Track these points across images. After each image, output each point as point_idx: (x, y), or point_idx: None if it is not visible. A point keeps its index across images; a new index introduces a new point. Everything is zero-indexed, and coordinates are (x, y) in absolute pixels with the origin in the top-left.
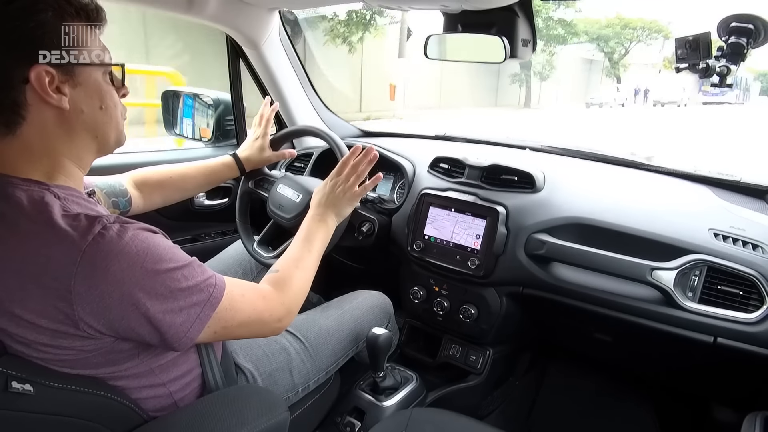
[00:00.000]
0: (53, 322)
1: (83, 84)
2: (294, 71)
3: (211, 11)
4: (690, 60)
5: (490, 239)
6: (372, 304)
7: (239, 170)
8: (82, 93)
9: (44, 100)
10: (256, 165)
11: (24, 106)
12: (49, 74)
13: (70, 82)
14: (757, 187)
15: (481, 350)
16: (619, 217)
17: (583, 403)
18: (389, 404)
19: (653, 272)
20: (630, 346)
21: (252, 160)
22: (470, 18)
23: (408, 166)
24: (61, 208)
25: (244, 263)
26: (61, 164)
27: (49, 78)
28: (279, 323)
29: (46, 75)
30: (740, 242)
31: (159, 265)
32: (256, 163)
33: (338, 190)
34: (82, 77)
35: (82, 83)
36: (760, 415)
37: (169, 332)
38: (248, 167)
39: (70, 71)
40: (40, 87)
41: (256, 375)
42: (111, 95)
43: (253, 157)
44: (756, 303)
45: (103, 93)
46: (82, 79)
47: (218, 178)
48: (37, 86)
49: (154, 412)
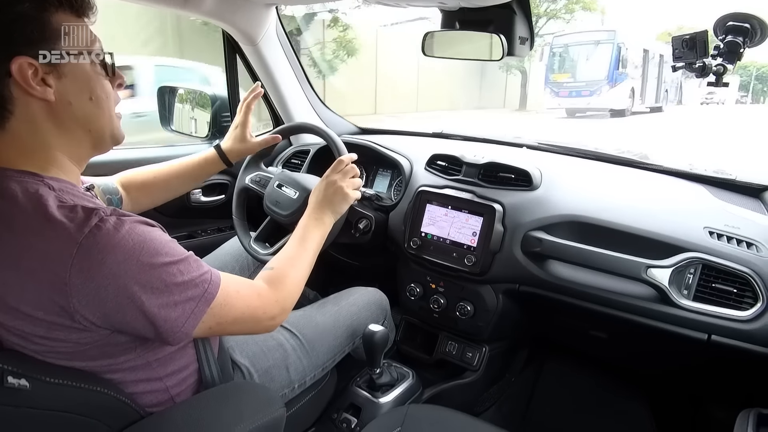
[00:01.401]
0: (49, 314)
1: (69, 75)
2: (291, 68)
3: (207, 7)
4: (686, 59)
5: (486, 237)
6: (368, 301)
7: (224, 163)
8: (69, 84)
9: (29, 92)
10: (240, 155)
11: (10, 100)
12: (32, 66)
13: (54, 73)
14: (753, 186)
15: (477, 347)
16: (615, 215)
17: (580, 400)
18: (385, 401)
19: (648, 270)
20: (625, 343)
21: (234, 151)
22: (468, 15)
23: (405, 164)
24: (57, 200)
25: (241, 260)
26: (55, 158)
27: (32, 70)
28: (272, 321)
29: (29, 67)
30: (735, 240)
31: (155, 259)
32: (240, 153)
33: (335, 187)
34: (68, 68)
35: (67, 74)
36: (753, 412)
37: (164, 326)
38: (232, 158)
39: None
40: (22, 79)
41: (253, 371)
42: (102, 86)
43: (234, 148)
44: (750, 301)
45: (92, 84)
46: (67, 70)
47: (203, 173)
48: (20, 79)
49: (150, 407)
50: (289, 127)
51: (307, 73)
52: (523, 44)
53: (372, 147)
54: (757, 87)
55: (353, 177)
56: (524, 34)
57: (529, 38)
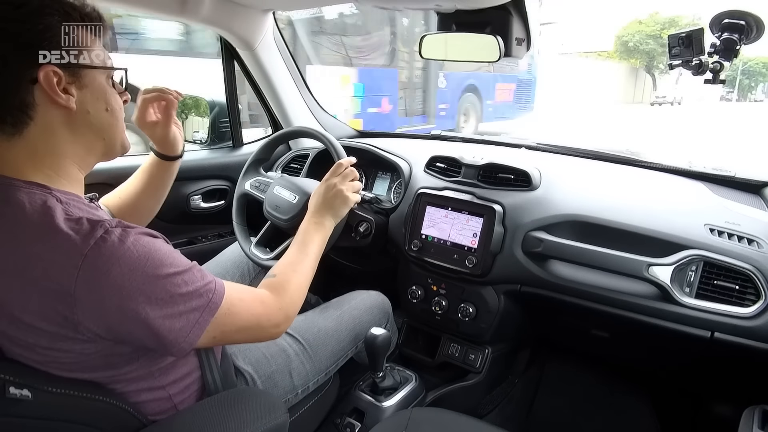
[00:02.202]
0: (53, 325)
1: (89, 86)
2: (289, 72)
3: (204, 14)
4: (683, 56)
5: (487, 238)
6: (370, 304)
7: (162, 158)
8: (89, 94)
9: (52, 100)
10: (162, 140)
11: (32, 107)
12: (57, 75)
13: (76, 84)
14: (752, 182)
15: (479, 349)
16: (615, 213)
17: (583, 400)
18: (389, 404)
19: (650, 268)
20: (627, 342)
21: (155, 141)
22: (464, 17)
23: (404, 166)
24: (64, 212)
25: (242, 265)
26: (64, 166)
27: (57, 78)
28: (276, 329)
29: (54, 75)
30: (735, 237)
31: (160, 270)
32: (160, 139)
33: (334, 191)
34: (88, 79)
35: (88, 85)
36: (758, 409)
37: (169, 337)
38: (164, 150)
39: (77, 73)
40: (48, 87)
41: (256, 377)
42: (115, 98)
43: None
44: (752, 297)
45: (108, 96)
46: (87, 81)
47: (158, 179)
48: (46, 86)
49: (153, 415)
50: (288, 131)
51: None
52: (519, 45)
53: (371, 150)
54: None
55: (353, 180)
56: (521, 35)
57: (525, 39)
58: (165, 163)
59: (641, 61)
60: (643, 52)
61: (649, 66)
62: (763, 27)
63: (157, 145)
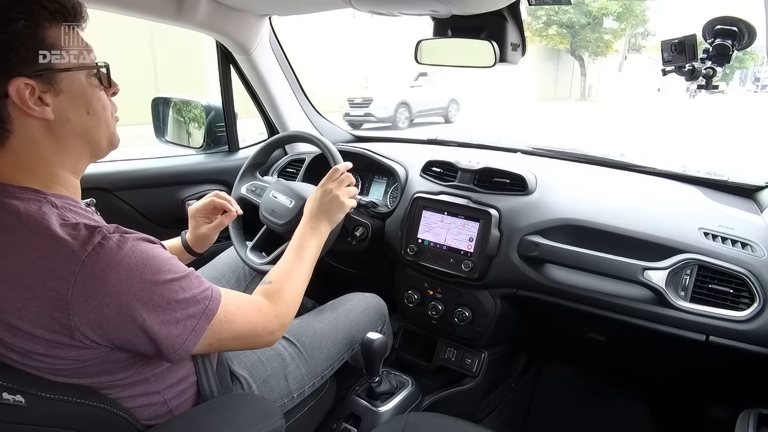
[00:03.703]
0: (49, 332)
1: (66, 91)
2: (285, 77)
3: (200, 19)
4: (676, 62)
5: (483, 242)
6: (366, 306)
7: (188, 253)
8: (66, 100)
9: (27, 113)
10: (200, 244)
11: (8, 120)
12: (29, 86)
13: (52, 91)
14: (745, 187)
15: (476, 353)
16: (610, 218)
17: (579, 403)
18: (385, 409)
19: (645, 272)
20: (623, 345)
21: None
22: (460, 23)
23: (400, 171)
24: (59, 218)
25: (238, 270)
26: (56, 174)
27: (29, 90)
28: (272, 336)
29: (26, 87)
30: (729, 241)
31: (157, 276)
32: (198, 243)
33: (330, 196)
34: (64, 84)
35: (64, 90)
36: (753, 412)
37: (166, 344)
38: (196, 248)
39: (51, 79)
40: (20, 101)
41: (251, 382)
42: (98, 97)
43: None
44: (747, 301)
45: (88, 97)
46: (64, 86)
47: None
48: (18, 101)
49: (148, 420)
50: (284, 136)
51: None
52: (515, 50)
53: (367, 155)
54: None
55: (349, 185)
56: (516, 40)
57: (520, 44)
58: (184, 253)
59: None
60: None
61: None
62: (755, 33)
63: (191, 237)
